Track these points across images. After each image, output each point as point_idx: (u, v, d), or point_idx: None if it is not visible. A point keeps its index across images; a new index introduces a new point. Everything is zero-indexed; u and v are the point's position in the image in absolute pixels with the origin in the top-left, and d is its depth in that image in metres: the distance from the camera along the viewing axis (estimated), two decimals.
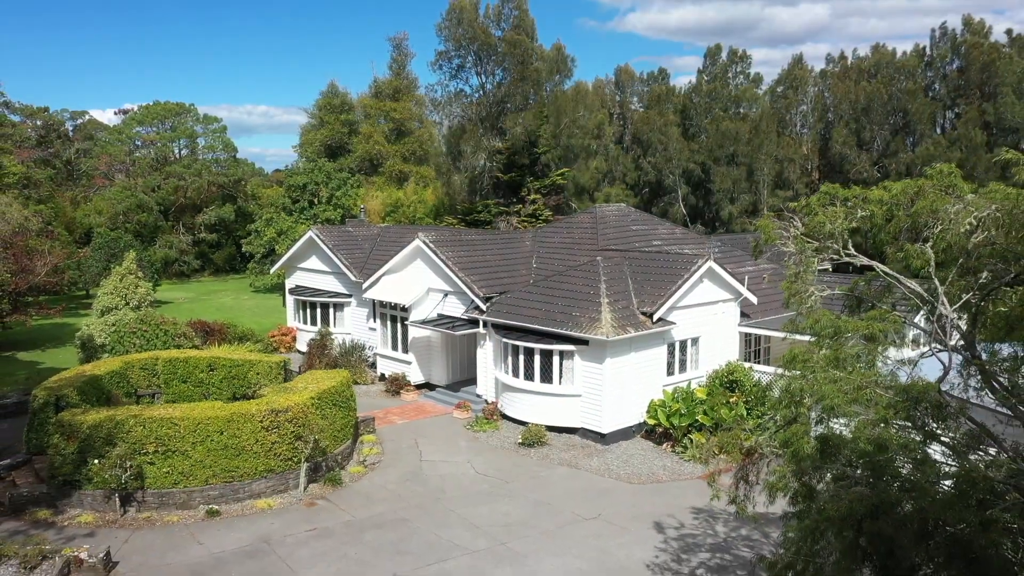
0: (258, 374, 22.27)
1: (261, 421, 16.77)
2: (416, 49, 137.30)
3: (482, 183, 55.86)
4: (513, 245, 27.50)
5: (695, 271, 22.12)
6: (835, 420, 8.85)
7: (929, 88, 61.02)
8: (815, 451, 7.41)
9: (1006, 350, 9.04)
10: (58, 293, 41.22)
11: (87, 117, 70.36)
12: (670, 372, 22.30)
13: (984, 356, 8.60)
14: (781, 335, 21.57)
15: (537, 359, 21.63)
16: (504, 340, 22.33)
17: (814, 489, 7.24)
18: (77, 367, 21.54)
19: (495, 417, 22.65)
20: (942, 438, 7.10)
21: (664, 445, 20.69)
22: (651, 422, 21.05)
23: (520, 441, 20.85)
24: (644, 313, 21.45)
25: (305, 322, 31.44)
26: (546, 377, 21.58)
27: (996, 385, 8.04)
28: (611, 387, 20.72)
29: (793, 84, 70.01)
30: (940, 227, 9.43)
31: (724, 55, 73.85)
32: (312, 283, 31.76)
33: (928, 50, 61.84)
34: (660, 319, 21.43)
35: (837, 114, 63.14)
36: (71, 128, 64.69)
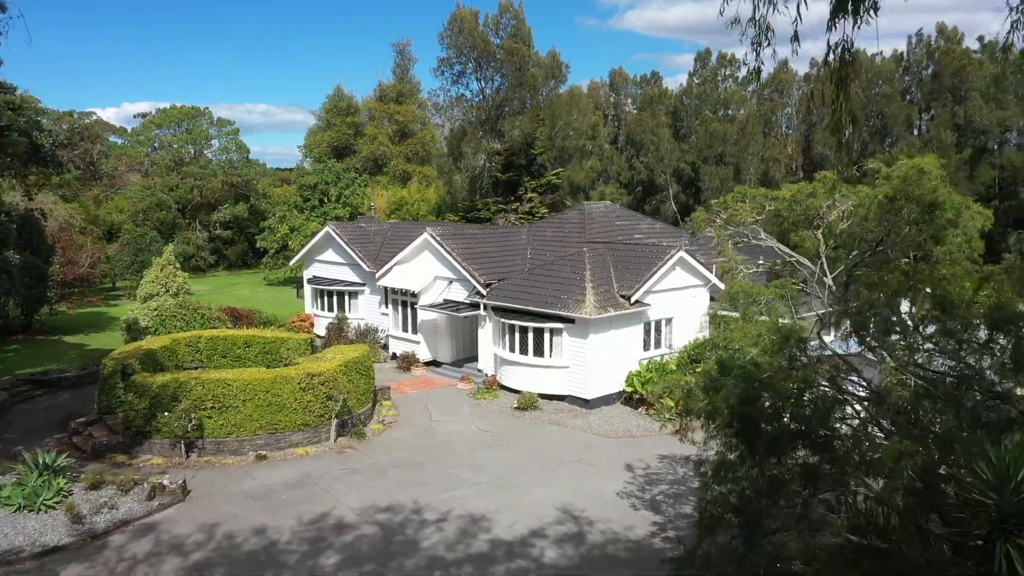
0: (288, 349, 25.57)
1: (299, 383, 20.11)
2: (418, 54, 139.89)
3: (482, 182, 59.16)
4: (510, 238, 30.85)
5: (668, 260, 25.44)
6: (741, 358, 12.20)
7: (907, 92, 64.32)
8: (715, 369, 10.72)
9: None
10: (90, 284, 44.50)
11: (94, 117, 73.43)
12: (646, 348, 25.63)
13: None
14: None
15: (531, 336, 24.96)
16: (502, 320, 25.67)
17: (712, 390, 10.50)
18: (135, 343, 24.86)
19: (494, 387, 25.98)
20: (801, 358, 10.37)
21: (640, 409, 24.03)
22: (629, 389, 24.40)
23: (516, 406, 24.18)
24: (623, 296, 24.78)
25: (322, 308, 34.76)
26: (538, 352, 24.92)
27: (852, 327, 11.36)
28: (594, 359, 24.05)
29: (779, 87, 73.39)
30: (827, 218, 12.78)
31: (714, 58, 77.25)
32: (329, 274, 35.06)
33: (906, 55, 65.12)
34: (637, 301, 24.75)
35: (820, 116, 66.39)
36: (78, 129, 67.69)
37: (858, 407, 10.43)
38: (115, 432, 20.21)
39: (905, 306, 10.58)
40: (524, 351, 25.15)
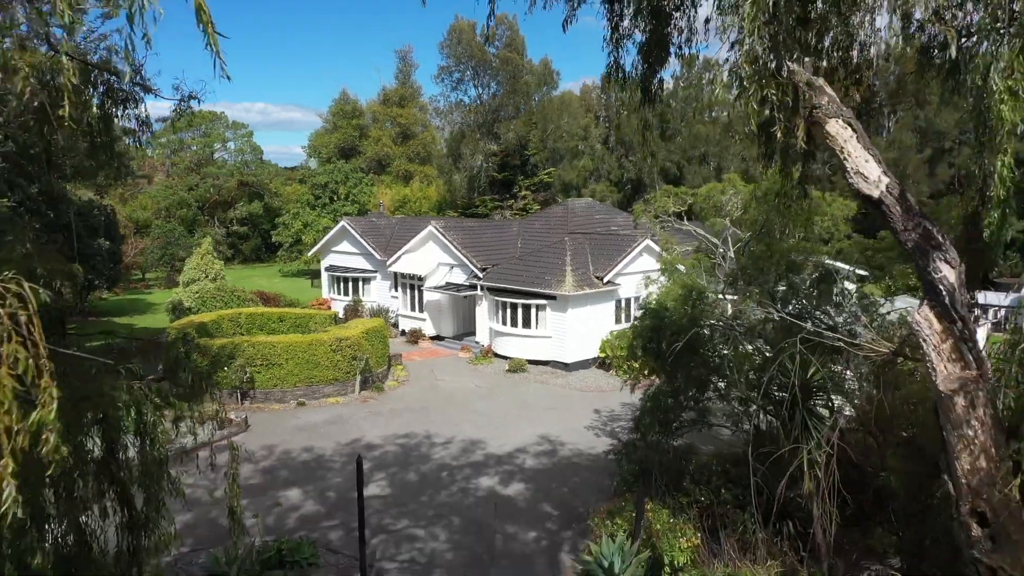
0: (315, 323, 30.28)
1: (330, 346, 24.81)
2: (419, 60, 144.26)
3: (479, 181, 63.86)
4: (503, 230, 35.57)
5: (636, 247, 30.12)
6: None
7: (876, 95, 68.87)
8: (642, 315, 15.44)
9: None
10: (131, 273, 49.17)
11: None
12: (617, 321, 30.35)
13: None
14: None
15: (519, 311, 29.69)
16: (496, 298, 30.39)
17: (638, 328, 15.16)
18: (187, 318, 29.56)
19: (489, 355, 30.71)
20: (699, 304, 15.04)
21: (610, 371, 28.75)
22: (602, 355, 29.12)
23: (507, 369, 28.90)
24: (598, 277, 29.50)
25: (339, 293, 39.45)
26: (526, 324, 29.65)
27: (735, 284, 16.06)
28: (573, 330, 28.78)
29: None
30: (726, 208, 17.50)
31: (699, 63, 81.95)
32: (344, 263, 39.73)
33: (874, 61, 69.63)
34: (609, 281, 29.47)
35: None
36: None
37: (740, 338, 15.17)
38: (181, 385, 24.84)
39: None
40: (514, 324, 29.88)
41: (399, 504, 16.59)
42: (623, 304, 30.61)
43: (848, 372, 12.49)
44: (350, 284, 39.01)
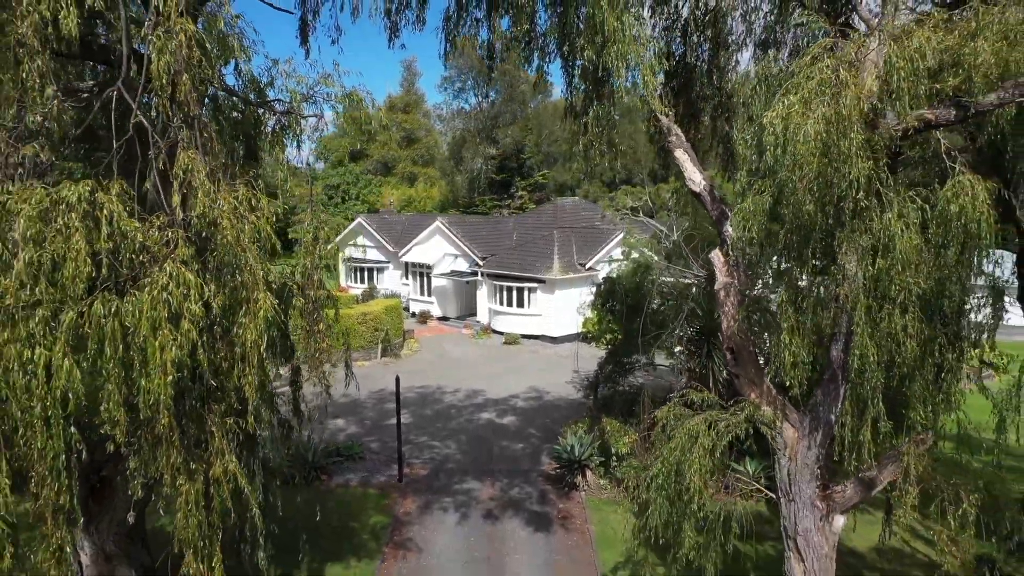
0: (342, 303, 35.39)
1: (357, 319, 29.98)
2: (423, 69, 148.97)
3: (479, 182, 69.03)
4: (500, 225, 40.78)
5: (613, 239, 35.32)
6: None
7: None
8: (603, 281, 20.62)
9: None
10: None
11: None
12: None
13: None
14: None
15: (514, 293, 34.85)
16: (494, 283, 35.56)
17: (598, 290, 20.30)
18: None
19: (488, 332, 35.89)
20: (650, 276, 20.15)
21: (591, 343, 33.90)
22: (584, 331, 34.28)
23: (503, 342, 34.06)
24: (581, 264, 34.67)
25: (355, 282, 44.61)
26: (520, 304, 34.82)
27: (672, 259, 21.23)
28: (559, 309, 33.94)
29: None
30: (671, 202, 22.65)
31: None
32: (359, 254, 44.90)
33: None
34: (590, 267, 34.64)
35: None
36: None
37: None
38: None
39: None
40: (510, 304, 35.05)
41: (419, 428, 21.79)
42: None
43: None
44: (365, 273, 44.17)
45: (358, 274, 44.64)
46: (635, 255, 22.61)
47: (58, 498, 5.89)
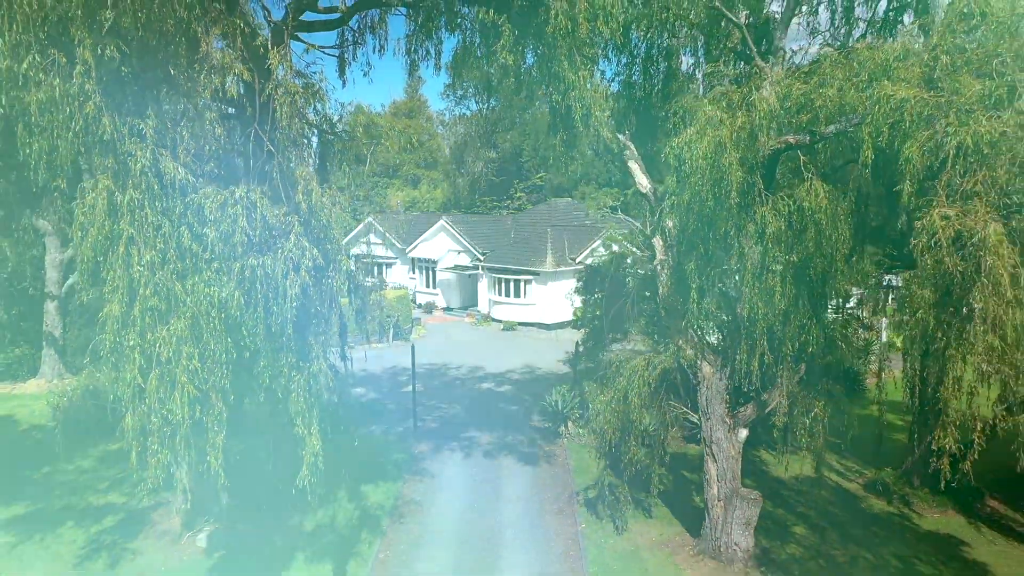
0: None
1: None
2: (425, 76, 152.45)
3: (480, 184, 72.81)
4: (499, 223, 44.55)
5: (601, 235, 39.01)
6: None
7: None
8: (585, 268, 24.33)
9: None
10: None
11: None
12: None
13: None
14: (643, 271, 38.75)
15: (511, 285, 38.61)
16: (494, 276, 39.32)
17: (581, 275, 24.03)
18: None
19: (488, 320, 39.64)
20: (628, 259, 23.84)
21: (581, 329, 37.62)
22: (574, 318, 38.02)
23: (502, 329, 37.81)
24: (571, 258, 38.42)
25: (367, 276, 48.35)
26: (516, 295, 38.57)
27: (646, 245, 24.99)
28: (552, 299, 37.69)
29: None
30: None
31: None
32: (369, 251, 48.62)
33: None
34: (580, 261, 38.36)
35: None
36: None
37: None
38: None
39: None
40: (507, 295, 38.79)
41: (429, 394, 25.53)
42: None
43: None
44: (374, 269, 47.90)
45: (368, 269, 48.34)
46: (615, 247, 26.37)
47: (222, 381, 9.60)
